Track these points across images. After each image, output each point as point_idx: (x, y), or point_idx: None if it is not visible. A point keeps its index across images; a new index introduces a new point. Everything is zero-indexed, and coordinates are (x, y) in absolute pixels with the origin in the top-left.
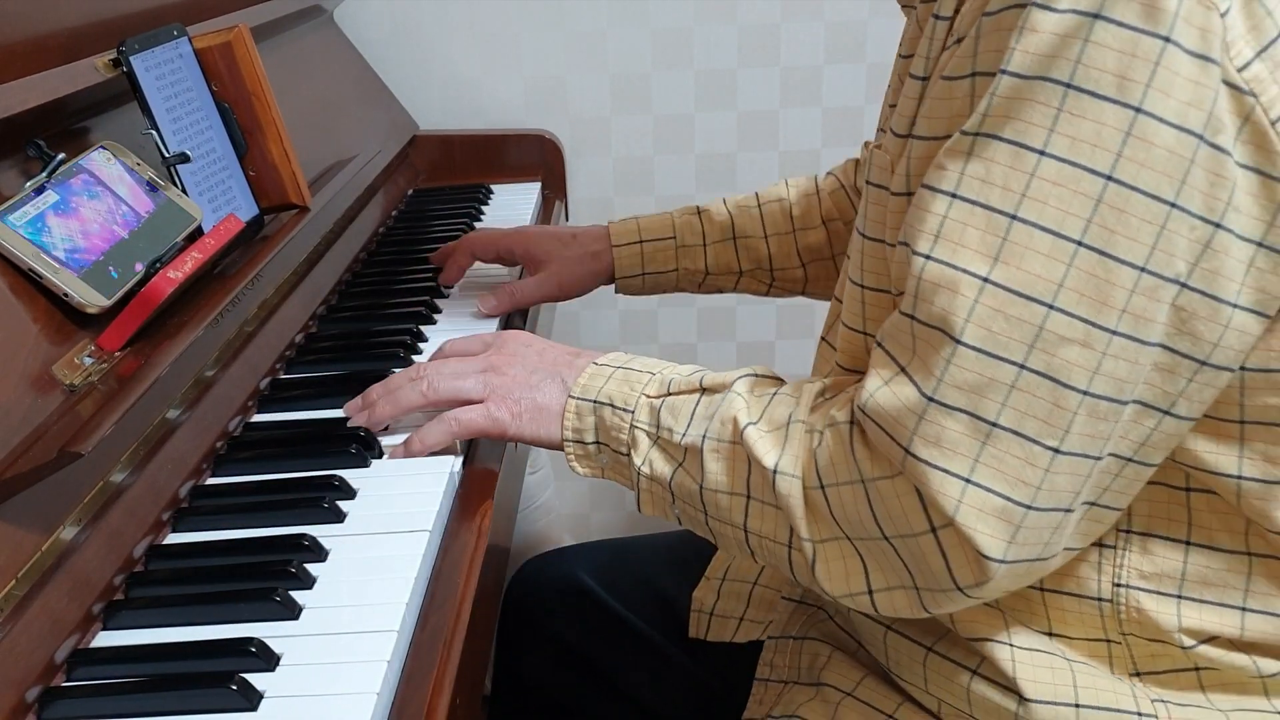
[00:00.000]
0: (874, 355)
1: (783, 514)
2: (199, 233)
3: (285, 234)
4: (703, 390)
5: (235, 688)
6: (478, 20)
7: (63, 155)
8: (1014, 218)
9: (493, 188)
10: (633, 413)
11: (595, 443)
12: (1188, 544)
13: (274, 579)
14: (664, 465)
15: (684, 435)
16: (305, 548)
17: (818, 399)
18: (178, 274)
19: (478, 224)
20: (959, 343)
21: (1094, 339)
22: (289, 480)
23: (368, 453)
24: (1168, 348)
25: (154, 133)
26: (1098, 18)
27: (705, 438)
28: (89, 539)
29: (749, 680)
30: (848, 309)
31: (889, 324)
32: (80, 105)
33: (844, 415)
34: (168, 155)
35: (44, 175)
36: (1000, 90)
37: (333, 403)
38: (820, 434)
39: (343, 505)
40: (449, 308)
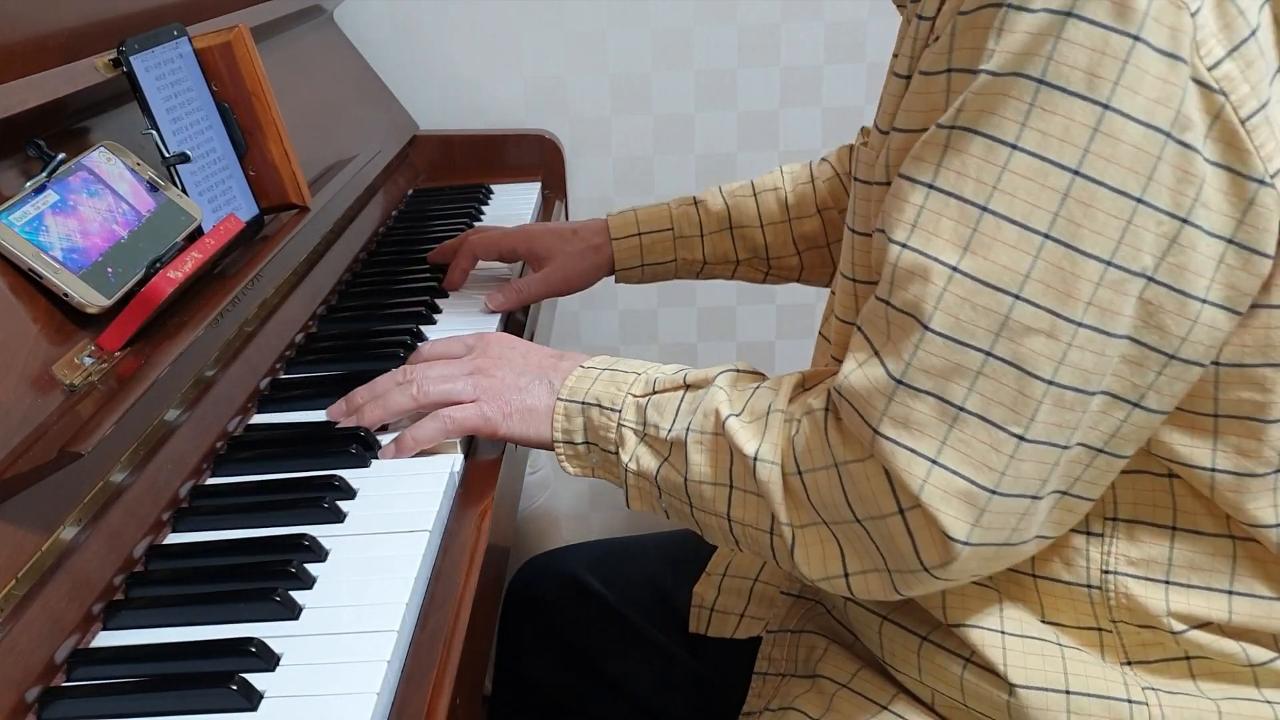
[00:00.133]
0: (853, 339)
1: (764, 501)
2: (199, 233)
3: (285, 234)
4: (686, 387)
5: (235, 688)
6: (478, 20)
7: (63, 155)
8: (984, 209)
9: (493, 188)
10: (619, 412)
11: (585, 443)
12: (1173, 530)
13: (274, 579)
14: (650, 460)
15: (669, 430)
16: (305, 548)
17: (796, 390)
18: (178, 274)
19: (478, 224)
20: (927, 328)
21: (1059, 330)
22: (289, 480)
23: (367, 453)
24: (1135, 340)
25: (154, 133)
26: (1070, 15)
27: (689, 431)
28: (89, 539)
29: (749, 675)
30: (839, 302)
31: (867, 309)
32: (80, 105)
33: (820, 403)
34: (168, 155)
35: (44, 175)
36: (977, 86)
37: (333, 403)
38: (798, 422)
39: (343, 505)
40: (449, 308)
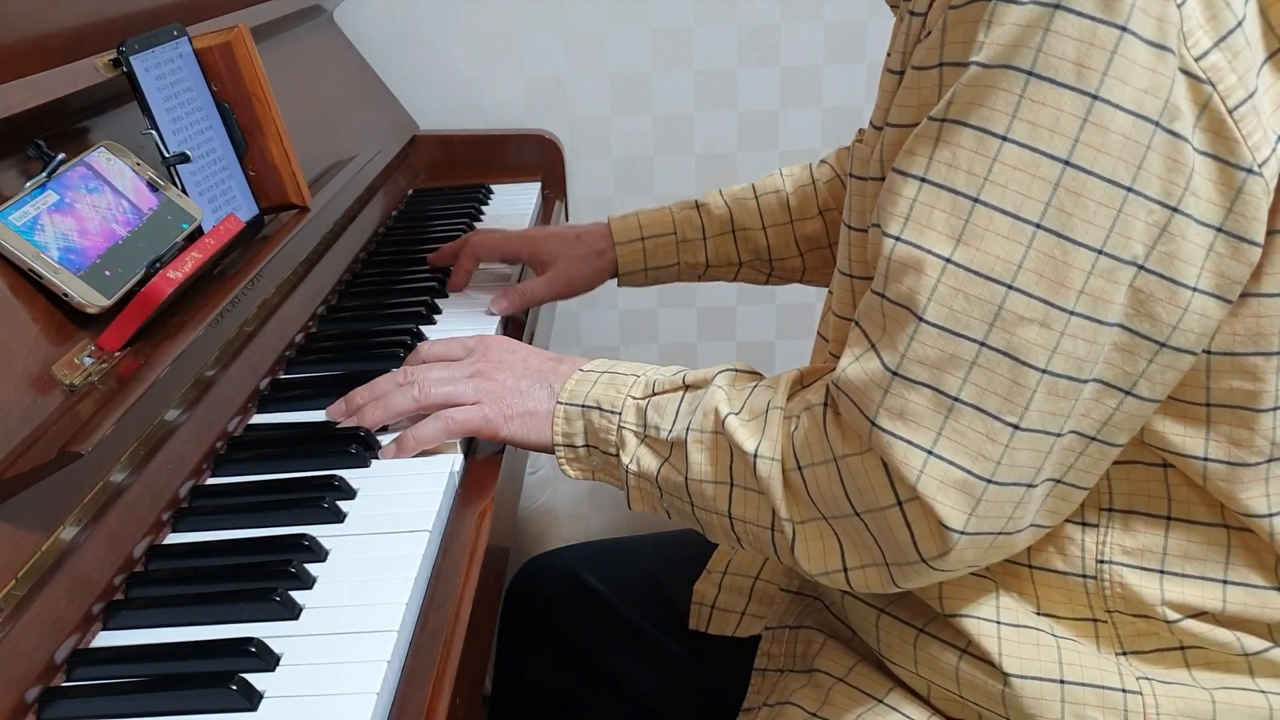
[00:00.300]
0: (850, 333)
1: (764, 498)
2: (199, 233)
3: (285, 234)
4: (686, 388)
5: (235, 688)
6: (478, 20)
7: (63, 155)
8: (976, 201)
9: (493, 188)
10: (619, 414)
11: (585, 445)
12: (1168, 520)
13: (274, 579)
14: (651, 461)
15: (669, 431)
16: (305, 548)
17: (794, 387)
18: (178, 274)
19: (478, 224)
20: (921, 320)
21: (1052, 319)
22: (289, 480)
23: (367, 453)
24: (1127, 328)
25: (154, 133)
26: (1058, 8)
27: (689, 430)
28: (89, 539)
29: (749, 673)
30: (837, 298)
31: (863, 303)
32: (80, 105)
33: (818, 398)
34: (168, 155)
35: (44, 175)
36: (966, 78)
37: (333, 403)
38: (797, 418)
39: (343, 505)
40: (449, 308)
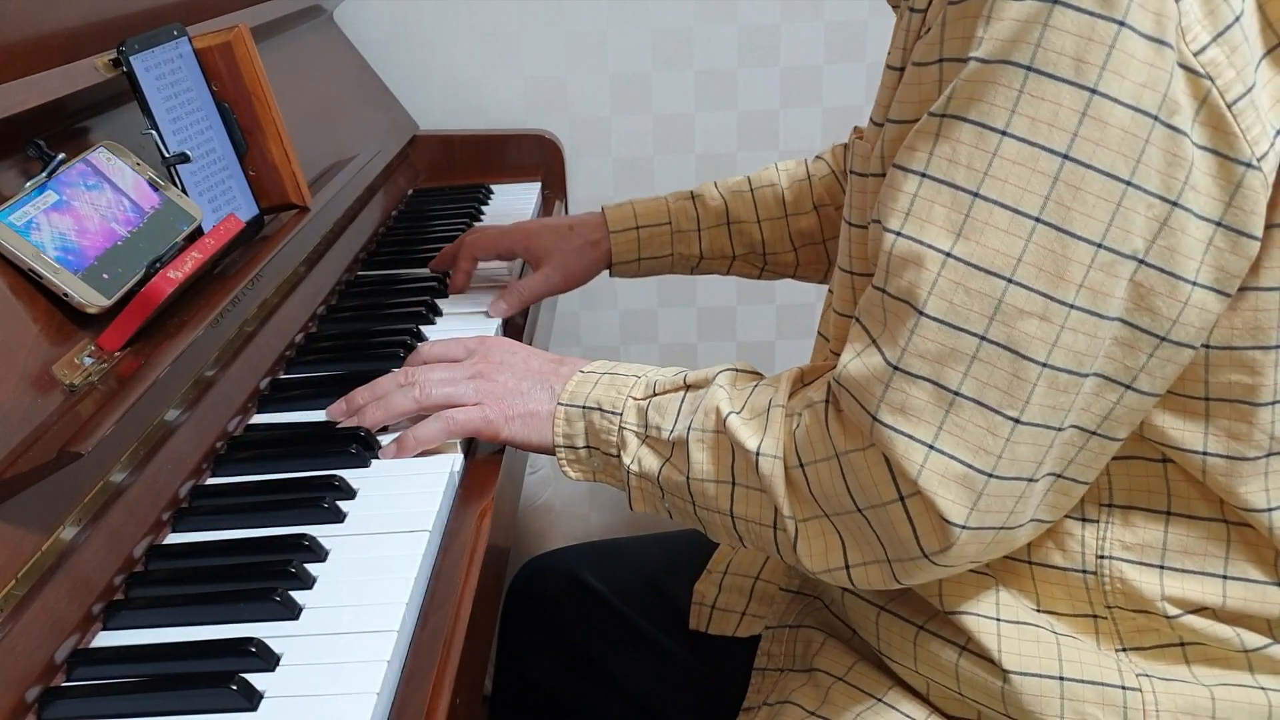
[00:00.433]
0: (851, 330)
1: (766, 496)
2: (199, 233)
3: (285, 234)
4: (687, 387)
5: (235, 688)
6: (478, 20)
7: (63, 155)
8: (976, 195)
9: (493, 188)
10: (620, 415)
11: (586, 447)
12: (1168, 515)
13: (274, 579)
14: (652, 461)
15: (671, 431)
16: (305, 548)
17: (795, 384)
18: (178, 274)
19: (477, 224)
20: (922, 314)
21: (1052, 312)
22: (289, 480)
23: (367, 453)
24: (1127, 322)
25: (154, 133)
26: (1057, 3)
27: (691, 430)
28: (89, 539)
29: (749, 672)
30: (838, 296)
31: (864, 299)
32: (80, 105)
33: (820, 395)
34: (168, 155)
35: (44, 175)
36: (966, 74)
37: (333, 403)
38: (799, 415)
39: (343, 505)
40: (449, 308)
